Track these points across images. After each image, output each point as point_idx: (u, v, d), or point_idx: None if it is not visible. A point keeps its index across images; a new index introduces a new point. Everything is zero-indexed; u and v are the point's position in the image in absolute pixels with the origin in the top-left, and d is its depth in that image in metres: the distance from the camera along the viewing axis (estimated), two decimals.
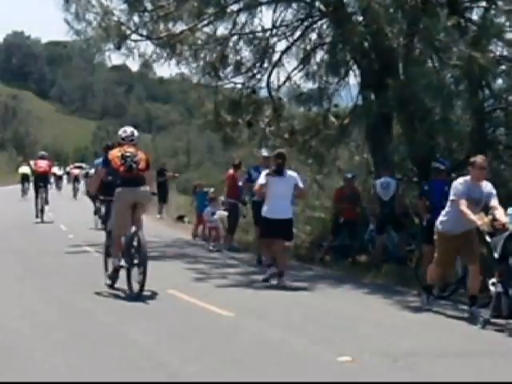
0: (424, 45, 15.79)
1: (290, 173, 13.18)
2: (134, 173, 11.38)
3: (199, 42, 18.41)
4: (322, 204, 20.51)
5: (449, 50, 15.40)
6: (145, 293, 11.10)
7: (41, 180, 25.76)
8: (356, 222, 16.93)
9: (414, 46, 16.26)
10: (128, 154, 11.44)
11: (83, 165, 62.11)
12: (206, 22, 18.47)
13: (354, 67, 17.98)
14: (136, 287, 11.00)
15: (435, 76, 15.49)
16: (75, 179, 45.59)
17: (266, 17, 19.32)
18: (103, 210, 16.09)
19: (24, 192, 37.51)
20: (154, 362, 7.49)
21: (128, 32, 18.47)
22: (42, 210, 25.24)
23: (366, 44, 16.81)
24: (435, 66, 16.38)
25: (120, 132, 12.03)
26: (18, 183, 39.82)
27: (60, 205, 26.65)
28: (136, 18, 18.54)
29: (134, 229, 11.38)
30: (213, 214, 19.99)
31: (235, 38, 18.77)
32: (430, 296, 11.02)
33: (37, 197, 25.36)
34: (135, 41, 18.73)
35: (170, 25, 18.48)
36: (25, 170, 38.40)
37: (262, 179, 13.16)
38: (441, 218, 10.49)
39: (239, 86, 19.51)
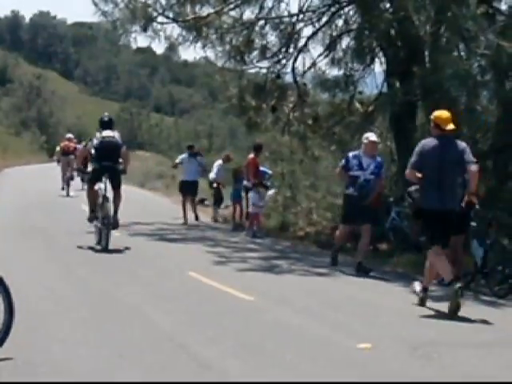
0: (451, 33, 15.66)
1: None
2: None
3: (225, 25, 18.38)
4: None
5: (476, 39, 15.28)
6: (165, 275, 11.16)
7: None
8: (377, 209, 16.86)
9: (441, 34, 16.14)
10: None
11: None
12: (232, 5, 18.46)
13: (380, 54, 17.91)
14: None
15: (462, 65, 15.38)
16: None
17: (292, 2, 19.30)
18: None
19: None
20: (174, 344, 7.53)
21: (154, 14, 18.50)
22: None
23: (392, 31, 16.74)
24: (462, 55, 16.27)
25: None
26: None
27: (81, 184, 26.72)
28: (163, 1, 18.61)
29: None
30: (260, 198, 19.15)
31: (261, 22, 18.75)
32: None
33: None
34: (161, 23, 18.75)
35: (197, 8, 18.47)
36: None
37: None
38: None
39: (264, 70, 19.50)
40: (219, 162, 22.75)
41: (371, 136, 13.78)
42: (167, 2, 18.58)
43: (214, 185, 22.33)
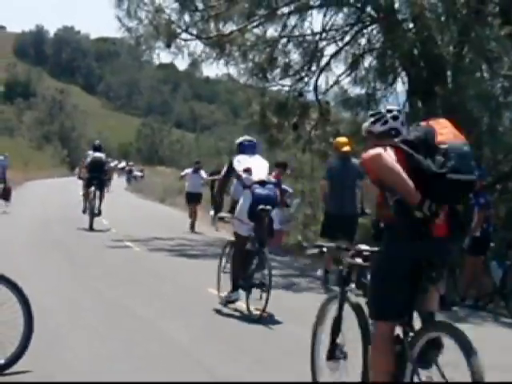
0: (475, 54, 15.67)
1: None
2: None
3: (248, 43, 18.48)
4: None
5: (500, 60, 15.28)
6: (184, 290, 11.14)
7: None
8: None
9: (465, 55, 16.14)
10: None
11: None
12: (256, 23, 18.54)
13: (403, 74, 17.92)
14: None
15: (484, 85, 15.37)
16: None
17: (316, 20, 19.45)
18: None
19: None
20: (191, 359, 7.52)
21: (178, 31, 18.64)
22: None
23: (415, 51, 16.75)
24: (485, 76, 16.25)
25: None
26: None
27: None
28: (187, 17, 18.75)
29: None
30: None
31: (284, 40, 18.83)
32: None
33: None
34: (185, 40, 18.90)
35: (220, 25, 18.59)
36: None
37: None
38: None
39: (286, 88, 19.57)
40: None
41: None
42: (191, 19, 18.72)
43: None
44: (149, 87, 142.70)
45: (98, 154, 21.63)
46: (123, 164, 72.29)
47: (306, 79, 19.19)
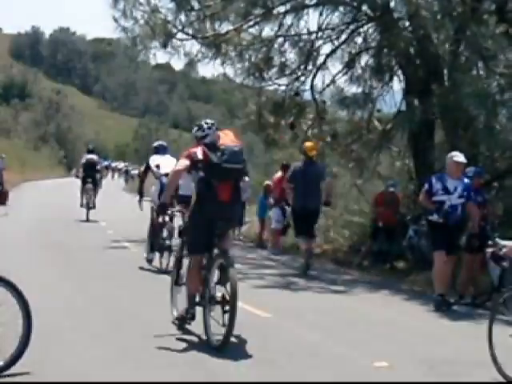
0: (471, 52, 15.68)
1: None
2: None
3: (244, 42, 18.45)
4: (362, 209, 20.42)
5: (495, 58, 15.28)
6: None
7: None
8: (395, 227, 16.84)
9: (461, 53, 16.15)
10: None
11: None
12: (252, 22, 18.51)
13: (399, 72, 17.90)
14: None
15: (481, 84, 15.37)
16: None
17: (312, 19, 19.40)
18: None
19: None
20: (190, 360, 7.52)
21: (174, 31, 18.59)
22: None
23: (411, 50, 16.76)
24: (481, 74, 16.26)
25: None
26: None
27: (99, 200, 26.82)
28: (182, 17, 18.66)
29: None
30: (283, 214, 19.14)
31: (280, 39, 18.80)
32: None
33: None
34: (181, 40, 18.83)
35: (216, 25, 18.55)
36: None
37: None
38: None
39: (283, 87, 19.52)
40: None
41: (455, 156, 11.80)
42: (187, 19, 18.67)
43: None
44: (145, 87, 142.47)
45: (90, 156, 25.33)
46: (122, 165, 72.55)
47: (302, 78, 19.16)
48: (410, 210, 17.47)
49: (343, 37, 18.49)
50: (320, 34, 18.63)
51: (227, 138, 8.43)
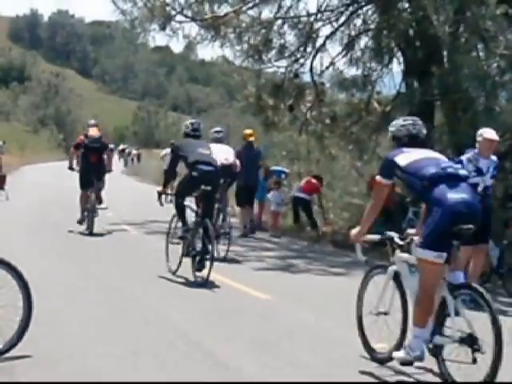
0: (470, 33, 15.62)
1: None
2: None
3: (243, 24, 18.38)
4: (361, 191, 20.43)
5: (496, 39, 15.23)
6: (181, 273, 11.18)
7: None
8: (393, 210, 16.80)
9: (460, 34, 16.09)
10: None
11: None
12: (250, 4, 18.45)
13: (398, 54, 17.86)
14: None
15: (480, 65, 15.33)
16: None
17: (311, 1, 19.29)
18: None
19: None
20: (189, 341, 7.53)
21: (173, 13, 18.51)
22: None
23: (411, 31, 16.71)
24: (481, 55, 16.21)
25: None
26: None
27: None
28: None
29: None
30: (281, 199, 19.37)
31: (280, 21, 18.72)
32: None
33: None
34: (180, 22, 18.75)
35: (215, 7, 18.48)
36: None
37: None
38: None
39: (282, 69, 19.48)
40: None
41: (486, 132, 11.09)
42: (186, 1, 18.59)
43: None
44: (144, 70, 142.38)
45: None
46: (122, 146, 72.41)
47: (301, 60, 19.12)
48: (408, 192, 17.43)
49: (342, 19, 18.44)
50: (319, 15, 18.58)
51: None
